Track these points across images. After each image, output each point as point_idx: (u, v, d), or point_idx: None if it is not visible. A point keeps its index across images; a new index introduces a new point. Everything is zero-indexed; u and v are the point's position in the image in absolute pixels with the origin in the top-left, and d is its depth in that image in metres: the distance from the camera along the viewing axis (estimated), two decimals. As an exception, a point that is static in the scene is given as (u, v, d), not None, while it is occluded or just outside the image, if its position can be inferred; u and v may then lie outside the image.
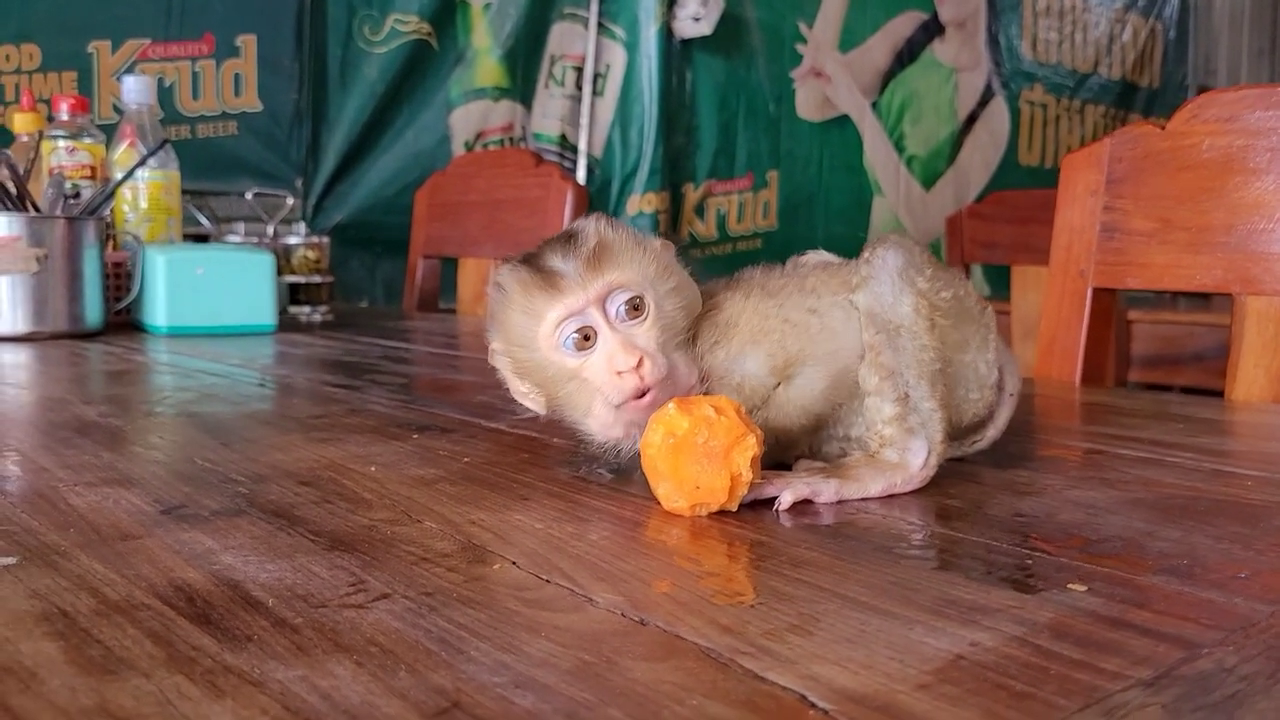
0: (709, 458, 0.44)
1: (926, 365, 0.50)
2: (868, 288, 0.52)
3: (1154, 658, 0.30)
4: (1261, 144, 0.88)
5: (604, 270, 0.48)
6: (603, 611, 0.33)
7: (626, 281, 0.48)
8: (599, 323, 0.48)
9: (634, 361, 0.47)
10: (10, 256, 1.17)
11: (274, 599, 0.34)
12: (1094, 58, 3.66)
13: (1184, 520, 0.46)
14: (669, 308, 0.49)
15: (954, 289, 0.53)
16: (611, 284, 0.48)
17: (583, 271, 0.48)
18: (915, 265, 0.52)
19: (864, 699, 0.27)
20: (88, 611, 0.33)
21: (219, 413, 0.72)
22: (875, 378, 0.50)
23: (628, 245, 0.50)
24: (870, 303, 0.51)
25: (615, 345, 0.48)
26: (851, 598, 0.35)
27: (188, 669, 0.28)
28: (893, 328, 0.50)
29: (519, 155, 1.79)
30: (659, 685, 0.28)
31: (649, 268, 0.49)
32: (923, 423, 0.50)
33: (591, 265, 0.48)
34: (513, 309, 0.50)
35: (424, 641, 0.31)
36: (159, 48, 1.99)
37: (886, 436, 0.49)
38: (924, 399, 0.50)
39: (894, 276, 0.51)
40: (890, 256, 0.52)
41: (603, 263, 0.48)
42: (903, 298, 0.51)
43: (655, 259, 0.50)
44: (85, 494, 0.48)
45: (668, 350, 0.49)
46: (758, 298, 0.52)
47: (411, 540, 0.41)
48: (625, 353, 0.47)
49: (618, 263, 0.49)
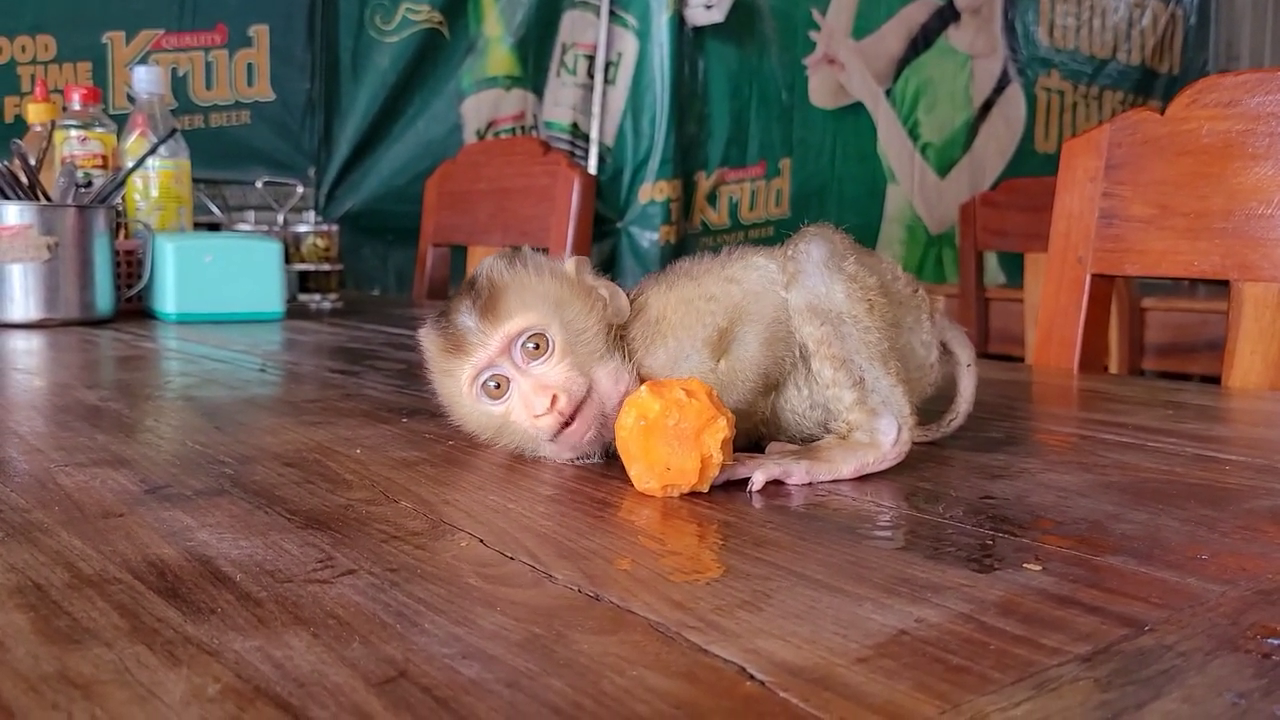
0: (680, 440, 0.45)
1: (874, 346, 0.51)
2: (798, 283, 0.52)
3: (1096, 634, 0.31)
4: (1261, 129, 0.88)
5: (500, 318, 0.50)
6: (560, 587, 0.34)
7: (526, 325, 0.50)
8: (508, 370, 0.50)
9: (546, 403, 0.49)
10: (22, 245, 1.18)
11: (242, 574, 0.35)
12: (1112, 43, 3.62)
13: (1154, 503, 0.46)
14: (579, 328, 0.51)
15: (879, 274, 0.54)
16: (509, 332, 0.50)
17: (481, 325, 0.50)
18: (838, 253, 0.52)
19: (801, 671, 0.28)
20: (60, 585, 0.34)
21: (216, 397, 0.73)
22: (829, 369, 0.50)
23: (524, 283, 0.51)
24: (805, 297, 0.52)
25: (526, 390, 0.50)
26: (807, 575, 0.35)
27: (149, 639, 0.29)
28: (833, 316, 0.51)
29: (527, 144, 1.79)
30: (603, 657, 0.29)
31: (550, 297, 0.51)
32: (884, 401, 0.50)
33: (488, 316, 0.50)
34: (435, 372, 0.53)
35: (381, 615, 0.31)
36: (172, 38, 2.00)
37: (852, 422, 0.50)
38: (881, 378, 0.51)
39: (820, 267, 0.52)
40: (813, 249, 0.52)
41: (498, 310, 0.50)
42: (834, 286, 0.51)
43: (559, 285, 0.52)
44: (75, 474, 0.49)
45: (587, 369, 0.50)
46: (680, 285, 0.54)
47: (385, 519, 0.42)
48: (536, 395, 0.49)
49: (513, 306, 0.50)
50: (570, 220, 1.56)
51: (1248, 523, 0.43)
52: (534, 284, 0.51)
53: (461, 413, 0.53)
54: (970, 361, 0.59)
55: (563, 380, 0.50)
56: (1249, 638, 0.31)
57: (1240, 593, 0.34)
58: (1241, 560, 0.38)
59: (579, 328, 0.51)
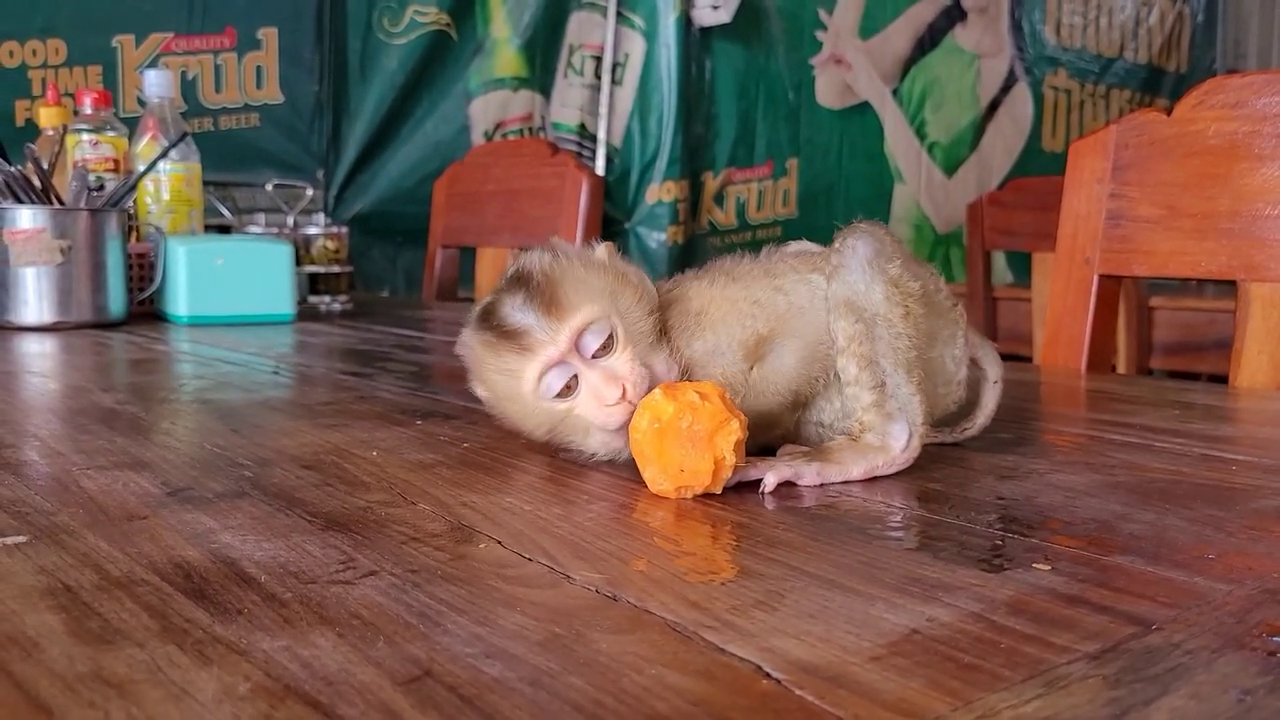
0: (693, 442, 0.45)
1: (903, 352, 0.51)
2: (839, 277, 0.52)
3: (1105, 633, 0.31)
4: (1268, 130, 0.88)
5: (565, 313, 0.49)
6: (578, 588, 0.35)
7: (591, 318, 0.49)
8: (578, 367, 0.49)
9: (619, 393, 0.48)
10: (35, 248, 1.19)
11: (266, 575, 0.36)
12: (1119, 42, 3.62)
13: (1161, 503, 0.47)
14: (634, 317, 0.50)
15: (923, 281, 0.54)
16: (576, 327, 0.49)
17: (546, 322, 0.49)
18: (885, 254, 0.52)
19: (816, 670, 0.28)
20: (90, 586, 0.35)
21: (231, 400, 0.74)
22: (854, 367, 0.51)
23: (577, 274, 0.50)
24: (844, 292, 0.52)
25: (598, 383, 0.49)
26: (820, 576, 0.36)
27: (179, 639, 0.30)
28: (868, 315, 0.51)
29: (535, 145, 1.80)
30: (621, 656, 0.29)
31: (604, 288, 0.50)
32: (902, 407, 0.51)
33: (552, 312, 0.49)
34: (488, 370, 0.52)
35: (404, 615, 0.32)
36: (182, 41, 2.02)
37: (866, 423, 0.51)
38: (902, 385, 0.51)
39: (864, 265, 0.51)
40: (860, 245, 0.52)
41: (561, 305, 0.49)
42: (874, 286, 0.51)
43: (606, 274, 0.51)
44: (97, 477, 0.50)
45: (645, 358, 0.50)
46: (723, 284, 0.54)
47: (404, 521, 0.43)
48: (609, 387, 0.49)
49: (575, 300, 0.49)
50: (579, 221, 1.57)
51: (1254, 522, 0.44)
52: (586, 275, 0.51)
53: (517, 410, 0.52)
54: (998, 379, 0.60)
55: (629, 370, 0.49)
56: (1255, 636, 0.31)
57: (1247, 592, 0.35)
58: (1248, 560, 0.39)
59: (634, 317, 0.50)
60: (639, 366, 0.49)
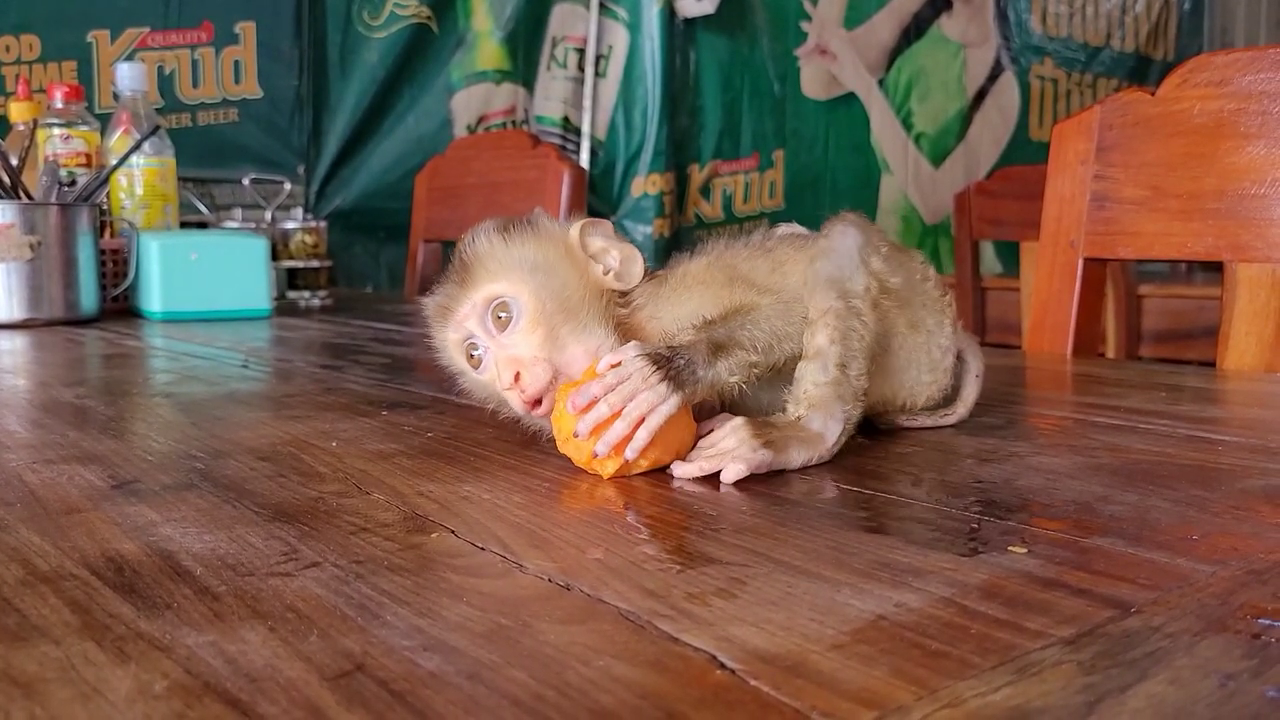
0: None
1: (865, 341, 0.50)
2: (827, 258, 0.52)
3: (1081, 617, 0.30)
4: (1253, 108, 0.87)
5: (472, 286, 0.50)
6: (530, 577, 0.33)
7: (496, 292, 0.50)
8: (482, 337, 0.50)
9: (510, 377, 0.48)
10: (4, 244, 1.17)
11: (203, 568, 0.34)
12: (1106, 30, 3.61)
13: (1144, 484, 0.45)
14: (561, 296, 0.49)
15: (908, 272, 0.53)
16: (477, 301, 0.50)
17: (457, 293, 0.51)
18: (872, 245, 0.52)
19: (774, 659, 0.27)
20: (13, 581, 0.33)
21: (194, 393, 0.72)
22: (825, 339, 0.49)
23: (498, 251, 0.51)
24: (830, 270, 0.51)
25: (493, 362, 0.50)
26: (785, 562, 0.34)
27: (99, 636, 0.28)
28: (849, 295, 0.50)
29: (516, 137, 1.78)
30: (569, 647, 0.28)
31: (532, 265, 0.50)
32: (848, 396, 0.49)
33: (462, 283, 0.51)
34: (434, 339, 0.54)
35: (342, 608, 0.30)
36: (158, 36, 1.99)
37: (815, 398, 0.48)
38: (858, 374, 0.50)
39: (853, 252, 0.51)
40: (850, 234, 0.52)
41: (472, 279, 0.50)
42: (857, 275, 0.51)
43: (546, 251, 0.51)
44: (41, 471, 0.48)
45: (563, 340, 0.49)
46: (721, 255, 0.54)
47: (355, 511, 0.41)
48: (503, 368, 0.49)
49: (484, 274, 0.50)
50: (560, 214, 1.54)
51: (1240, 503, 0.42)
52: (510, 251, 0.51)
53: (463, 381, 0.54)
54: (979, 372, 0.59)
55: (529, 357, 0.49)
56: (1239, 618, 0.30)
57: (1231, 573, 0.33)
58: (1233, 540, 0.37)
59: (560, 296, 0.49)
60: (540, 353, 0.49)
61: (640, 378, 0.46)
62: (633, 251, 0.52)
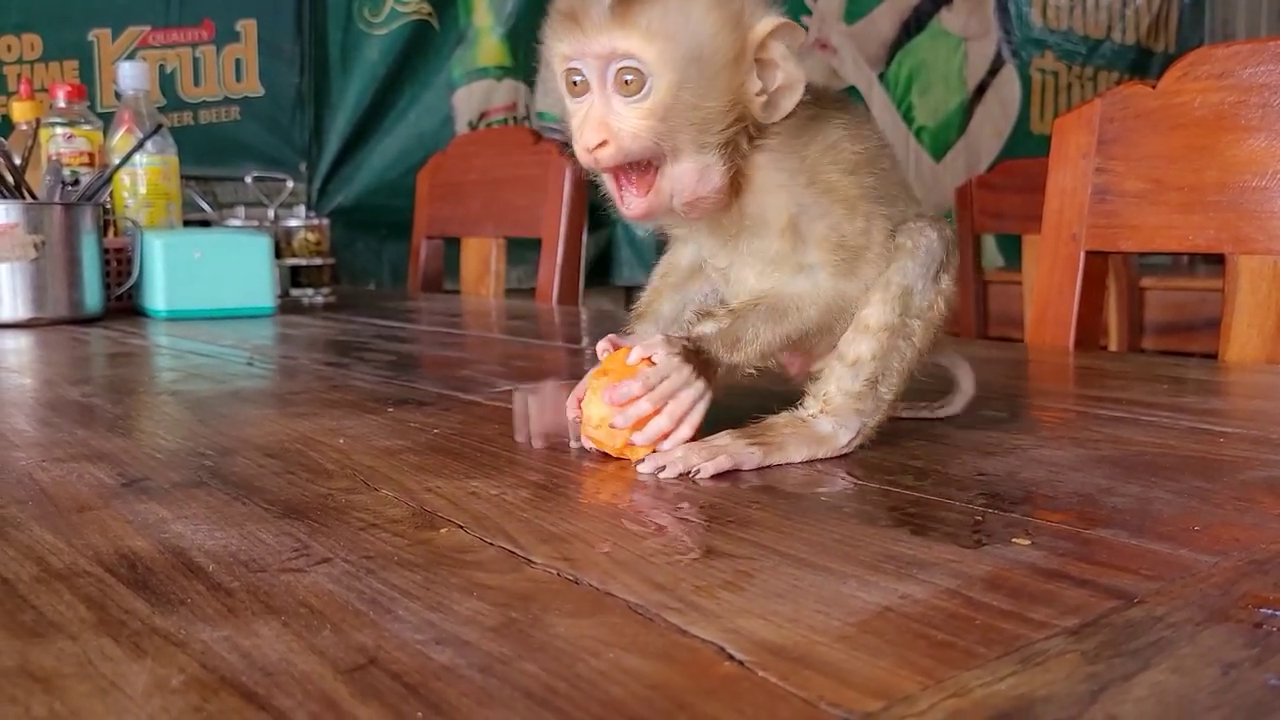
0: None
1: (907, 361, 0.49)
2: (908, 265, 0.49)
3: (1084, 607, 0.30)
4: (1254, 100, 0.87)
5: (623, 27, 0.42)
6: (539, 571, 0.33)
7: (637, 52, 0.43)
8: (594, 81, 0.44)
9: (593, 142, 0.44)
10: (8, 244, 1.17)
11: (215, 565, 0.34)
12: (1107, 23, 3.60)
13: (1147, 476, 0.45)
14: (701, 99, 0.43)
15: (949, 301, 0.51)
16: (618, 48, 0.43)
17: (600, 20, 0.43)
18: (948, 262, 0.50)
19: (782, 650, 0.27)
20: (28, 579, 0.33)
21: (200, 391, 0.73)
22: (867, 351, 0.48)
23: (682, 10, 0.43)
24: (905, 280, 0.49)
25: (586, 115, 0.44)
26: (791, 554, 0.35)
27: (115, 631, 0.29)
28: (911, 314, 0.49)
29: (518, 134, 1.78)
30: (579, 640, 0.28)
31: (690, 44, 0.43)
32: (870, 410, 0.49)
33: (615, 16, 0.43)
34: (548, 30, 0.46)
35: (354, 602, 0.31)
36: (159, 34, 1.99)
37: (834, 405, 0.49)
38: (888, 393, 0.49)
39: (934, 266, 0.49)
40: (936, 246, 0.49)
41: (629, 18, 0.42)
42: (926, 290, 0.49)
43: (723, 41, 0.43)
44: (51, 469, 0.48)
45: (681, 145, 0.44)
46: (862, 162, 0.49)
47: (364, 508, 0.41)
48: (589, 129, 0.44)
49: (647, 26, 0.42)
50: (563, 210, 1.55)
51: (1242, 493, 0.42)
52: (689, 19, 0.43)
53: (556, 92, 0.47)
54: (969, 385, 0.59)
55: (631, 133, 0.43)
56: (1240, 608, 0.30)
57: (1233, 563, 0.34)
58: (1235, 531, 0.37)
59: (703, 100, 0.43)
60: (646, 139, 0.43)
61: (679, 377, 0.46)
62: (798, 81, 0.46)
